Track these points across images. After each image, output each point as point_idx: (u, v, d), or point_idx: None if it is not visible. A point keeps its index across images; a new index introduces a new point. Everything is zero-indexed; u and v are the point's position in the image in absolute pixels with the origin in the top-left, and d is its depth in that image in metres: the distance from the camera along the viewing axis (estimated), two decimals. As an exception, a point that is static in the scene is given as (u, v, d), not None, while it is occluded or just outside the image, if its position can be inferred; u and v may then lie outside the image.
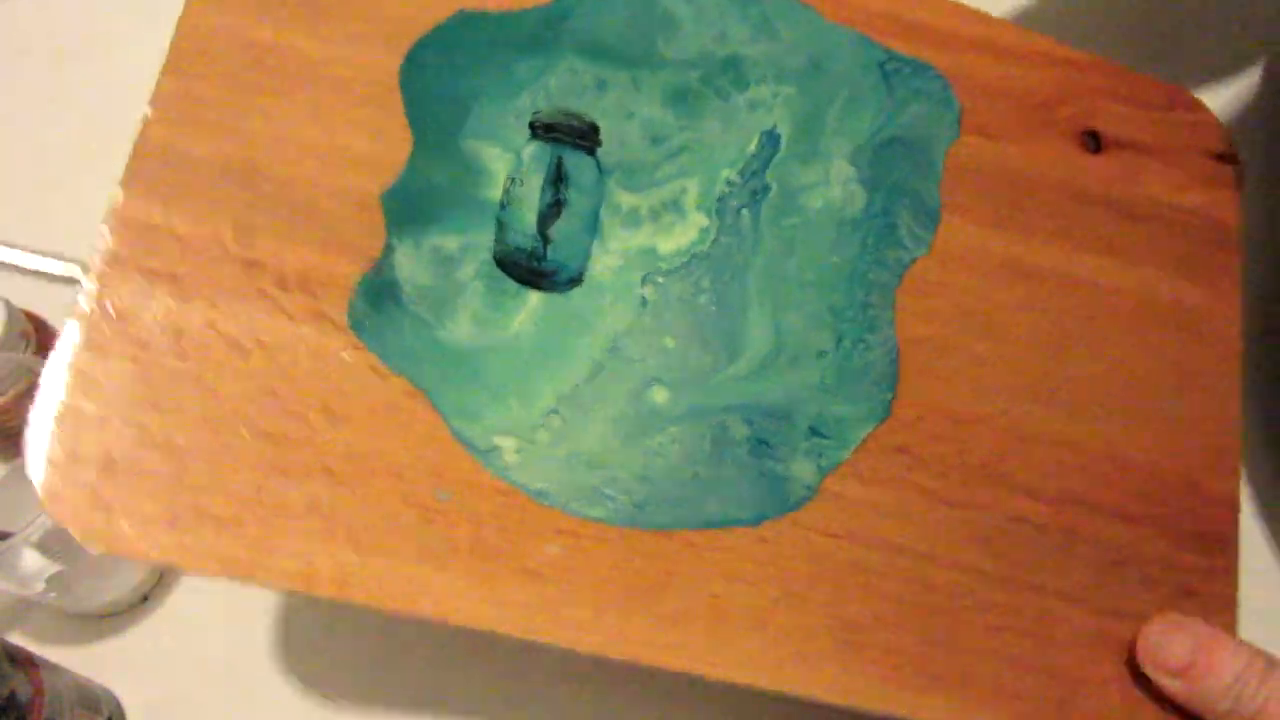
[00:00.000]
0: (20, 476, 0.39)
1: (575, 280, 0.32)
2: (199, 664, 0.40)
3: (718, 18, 0.36)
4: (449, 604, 0.28)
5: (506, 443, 0.30)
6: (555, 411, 0.31)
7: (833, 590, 0.32)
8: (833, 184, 0.36)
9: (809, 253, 0.35)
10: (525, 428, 0.30)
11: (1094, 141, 0.41)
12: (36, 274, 0.44)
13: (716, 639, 0.31)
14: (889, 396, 0.35)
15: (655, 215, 0.34)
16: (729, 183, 0.35)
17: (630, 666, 0.30)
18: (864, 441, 0.34)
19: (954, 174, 0.38)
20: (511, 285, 0.32)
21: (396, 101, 0.32)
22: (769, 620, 0.31)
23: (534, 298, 0.32)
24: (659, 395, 0.32)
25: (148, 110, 0.30)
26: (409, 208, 0.31)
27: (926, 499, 0.34)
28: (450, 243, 0.31)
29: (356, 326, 0.30)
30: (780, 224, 0.35)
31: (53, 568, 0.36)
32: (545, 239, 0.32)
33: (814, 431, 0.33)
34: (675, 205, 0.34)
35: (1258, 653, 0.33)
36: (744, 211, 0.35)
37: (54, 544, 0.36)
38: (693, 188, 0.34)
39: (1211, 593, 0.37)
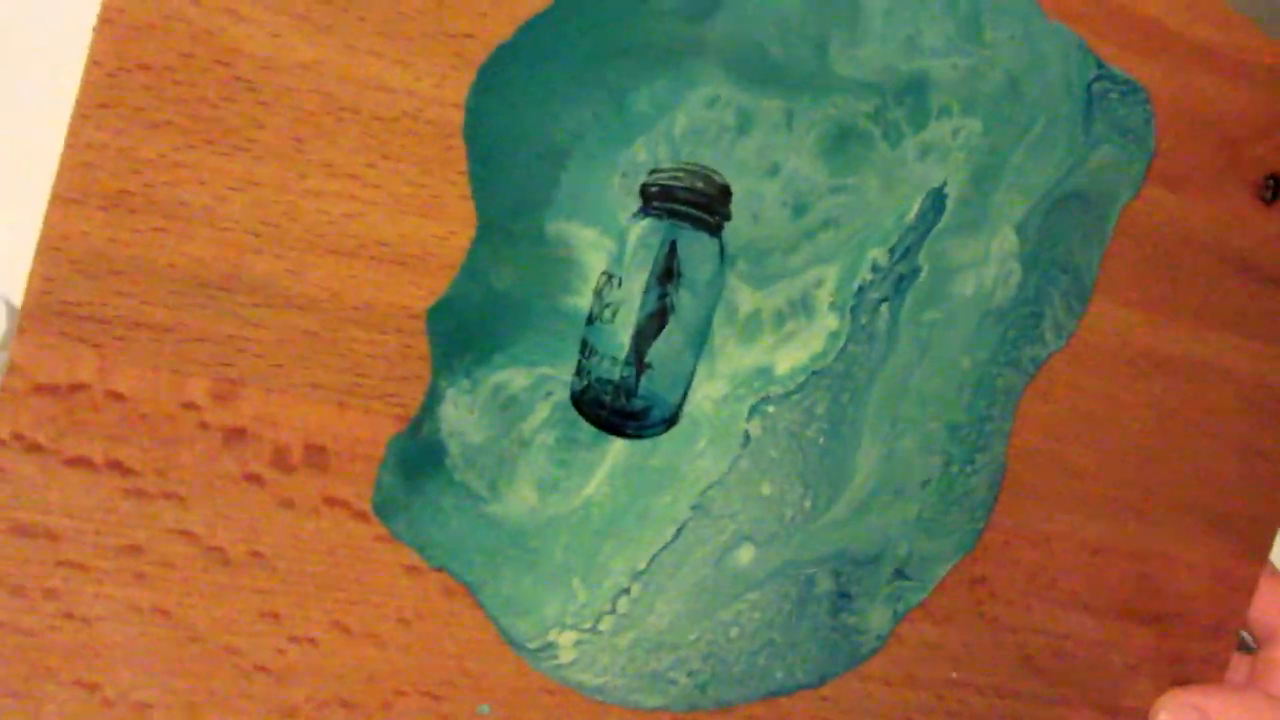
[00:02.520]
0: None
1: (670, 420, 0.24)
2: None
3: (916, 5, 0.25)
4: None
5: (564, 638, 0.24)
6: (625, 592, 0.24)
7: (879, 738, 0.30)
8: (991, 262, 0.28)
9: (942, 355, 0.28)
10: (588, 616, 0.24)
11: (1274, 189, 0.33)
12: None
13: None
14: (981, 525, 0.30)
15: (779, 320, 0.25)
16: (875, 268, 0.26)
17: None
18: (943, 577, 0.30)
19: (1118, 241, 0.30)
20: (587, 433, 0.23)
21: (456, 159, 0.20)
22: None
23: (616, 448, 0.24)
24: (745, 555, 0.26)
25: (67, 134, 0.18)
26: (465, 330, 0.21)
27: (990, 628, 0.31)
28: (518, 379, 0.22)
29: (384, 511, 0.21)
30: (920, 320, 0.27)
31: None
32: (640, 365, 0.23)
33: (899, 574, 0.29)
34: (805, 303, 0.25)
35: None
36: (883, 306, 0.26)
37: None
38: (831, 277, 0.25)
39: (1205, 677, 0.37)
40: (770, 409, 0.25)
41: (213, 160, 0.18)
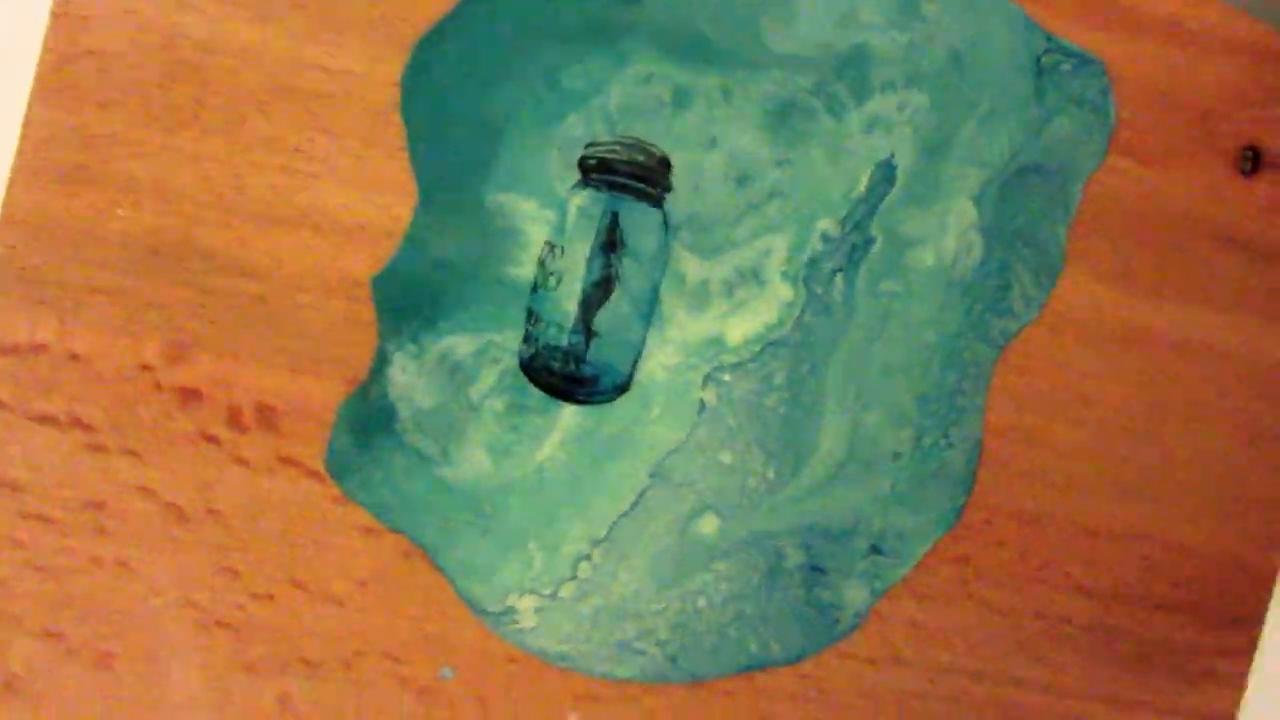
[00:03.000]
0: None
1: (622, 387, 0.25)
2: None
3: (847, -14, 0.26)
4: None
5: (524, 603, 0.24)
6: (586, 558, 0.25)
7: (871, 719, 0.29)
8: (949, 233, 0.28)
9: (904, 327, 0.28)
10: (548, 582, 0.25)
11: (1253, 161, 0.33)
12: None
13: None
14: (961, 502, 0.30)
15: (729, 289, 0.26)
16: (826, 238, 0.27)
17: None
18: (924, 555, 0.29)
19: (1087, 212, 0.30)
20: (538, 399, 0.24)
21: (394, 134, 0.22)
22: None
23: (568, 414, 0.24)
24: (708, 525, 0.26)
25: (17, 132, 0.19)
26: (410, 297, 0.22)
27: (981, 611, 0.31)
28: (464, 345, 0.23)
29: (337, 472, 0.22)
30: (877, 290, 0.27)
31: None
32: (588, 333, 0.24)
33: (875, 550, 0.29)
34: (756, 273, 0.26)
35: None
36: (838, 277, 0.27)
37: None
38: (780, 247, 0.26)
39: (1228, 671, 0.36)
40: (725, 377, 0.26)
41: (160, 137, 0.20)
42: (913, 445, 0.29)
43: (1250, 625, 0.36)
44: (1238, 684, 0.36)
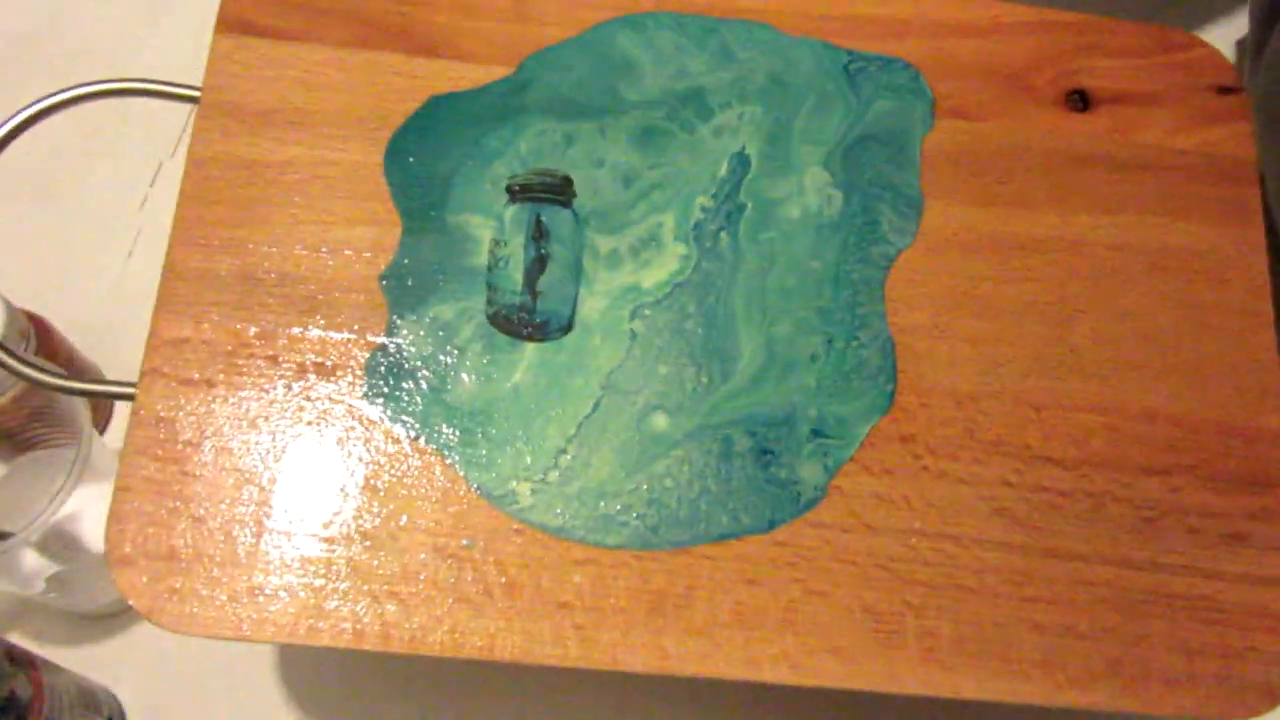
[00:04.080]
0: (20, 476, 0.39)
1: (566, 327, 0.35)
2: (199, 664, 0.40)
3: (674, 54, 0.38)
4: (489, 643, 0.31)
5: (521, 487, 0.33)
6: (563, 451, 0.33)
7: (857, 583, 0.33)
8: (808, 192, 0.37)
9: (790, 262, 0.37)
10: (536, 470, 0.33)
11: (1081, 101, 0.41)
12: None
13: (748, 644, 0.32)
14: (890, 388, 0.36)
15: (635, 253, 0.36)
16: (704, 209, 0.37)
17: (657, 679, 0.32)
18: (868, 436, 0.35)
19: (934, 161, 0.39)
20: (507, 341, 0.34)
21: (384, 190, 0.35)
22: (796, 620, 0.33)
23: (529, 349, 0.34)
24: (659, 422, 0.34)
25: (170, 237, 0.34)
26: (406, 285, 0.34)
27: (941, 481, 0.35)
28: (446, 311, 0.34)
29: (374, 402, 0.33)
30: (758, 239, 0.37)
31: (53, 568, 0.36)
32: (534, 293, 0.35)
33: (816, 433, 0.35)
34: (654, 240, 0.36)
35: None
36: (722, 234, 0.36)
37: (54, 544, 0.35)
38: (669, 220, 0.36)
39: (1265, 534, 0.36)
40: (647, 312, 0.35)
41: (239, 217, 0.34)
42: (825, 349, 0.36)
43: (1273, 486, 0.37)
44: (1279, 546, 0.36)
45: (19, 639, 0.40)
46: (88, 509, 0.37)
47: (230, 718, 0.41)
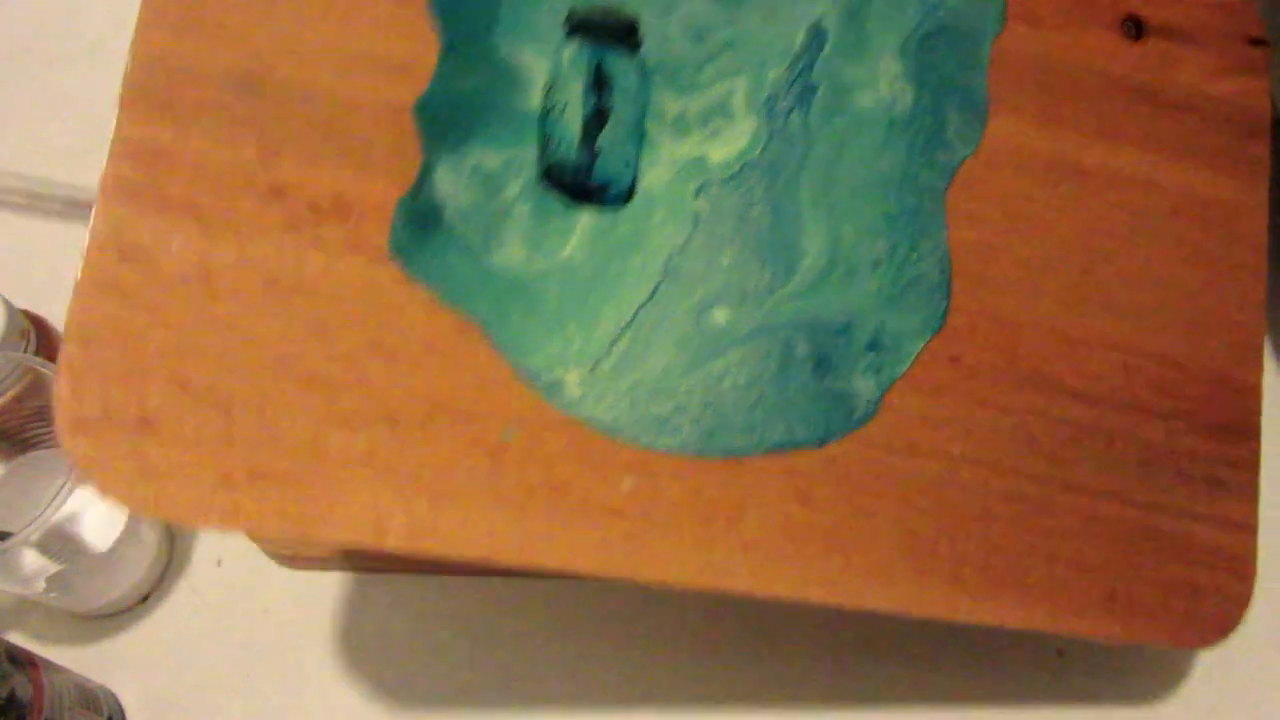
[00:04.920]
0: (20, 476, 0.38)
1: (627, 195, 0.30)
2: (199, 664, 0.39)
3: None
4: (528, 548, 0.27)
5: (570, 376, 0.28)
6: (617, 340, 0.29)
7: (900, 505, 0.32)
8: (881, 81, 0.34)
9: (860, 156, 0.33)
10: (588, 358, 0.29)
11: (1135, 28, 0.39)
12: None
13: (796, 563, 0.30)
14: (945, 305, 0.34)
15: (704, 120, 0.31)
16: (776, 83, 0.32)
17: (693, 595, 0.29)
18: (919, 353, 0.33)
19: (1000, 67, 0.36)
20: (559, 204, 0.29)
21: (421, -1, 0.28)
22: (843, 540, 0.31)
23: (585, 217, 0.29)
24: (721, 316, 0.30)
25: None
26: (444, 120, 0.28)
27: (982, 407, 0.34)
28: (492, 160, 0.29)
29: (400, 256, 0.27)
30: (830, 126, 0.33)
31: (53, 568, 0.35)
32: (593, 151, 0.29)
33: (872, 346, 0.32)
34: (724, 109, 0.32)
35: None
36: (794, 113, 0.32)
37: (54, 544, 0.35)
38: (740, 88, 0.32)
39: (1238, 481, 0.38)
40: (714, 190, 0.31)
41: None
42: (889, 255, 0.33)
43: (1248, 438, 0.38)
44: (1249, 496, 0.38)
45: (19, 639, 0.38)
46: (88, 509, 0.35)
47: (231, 717, 0.38)
